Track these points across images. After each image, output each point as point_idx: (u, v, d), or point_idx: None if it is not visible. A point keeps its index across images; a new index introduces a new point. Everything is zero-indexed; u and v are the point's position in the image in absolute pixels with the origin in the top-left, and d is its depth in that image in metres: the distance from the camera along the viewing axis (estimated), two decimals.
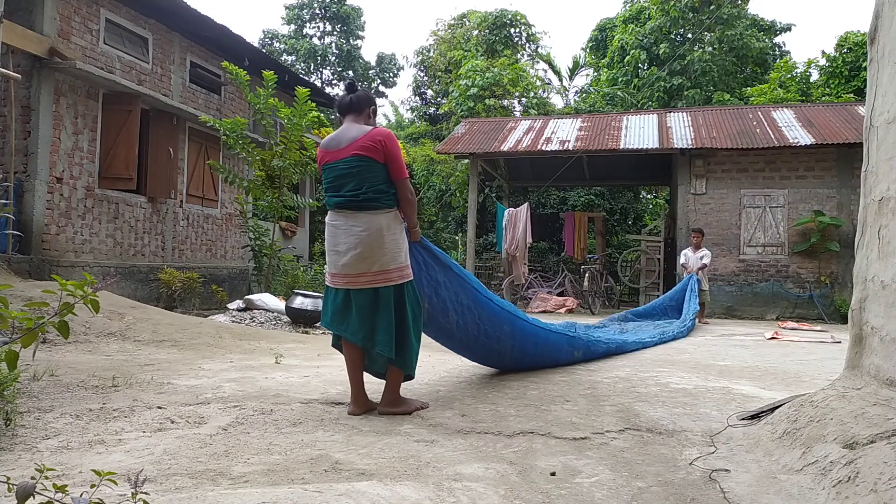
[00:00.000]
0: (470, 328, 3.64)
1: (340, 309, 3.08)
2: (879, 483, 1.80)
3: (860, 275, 2.50)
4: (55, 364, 3.94)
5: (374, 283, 2.99)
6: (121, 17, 9.67)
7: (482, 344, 3.85)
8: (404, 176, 3.07)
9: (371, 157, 2.99)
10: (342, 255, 3.02)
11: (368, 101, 3.20)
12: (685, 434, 2.78)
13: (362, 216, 2.99)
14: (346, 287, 3.04)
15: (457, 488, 2.02)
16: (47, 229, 8.46)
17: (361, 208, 3.00)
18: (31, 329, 1.64)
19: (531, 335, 4.23)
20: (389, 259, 3.00)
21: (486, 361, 4.24)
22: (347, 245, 3.01)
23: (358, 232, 2.99)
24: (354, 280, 3.01)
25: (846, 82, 18.56)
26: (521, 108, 20.74)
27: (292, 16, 27.48)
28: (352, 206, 3.01)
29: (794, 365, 5.16)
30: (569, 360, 4.73)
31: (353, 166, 3.01)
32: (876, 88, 2.50)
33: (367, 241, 2.97)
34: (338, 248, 3.05)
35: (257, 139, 10.91)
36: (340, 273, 3.05)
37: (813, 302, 11.42)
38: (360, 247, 2.98)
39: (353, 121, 3.15)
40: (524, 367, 4.35)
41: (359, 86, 3.30)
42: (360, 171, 3.00)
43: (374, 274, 2.99)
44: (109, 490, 1.60)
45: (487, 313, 3.72)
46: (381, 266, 2.99)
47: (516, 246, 12.45)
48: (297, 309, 7.76)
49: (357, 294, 3.02)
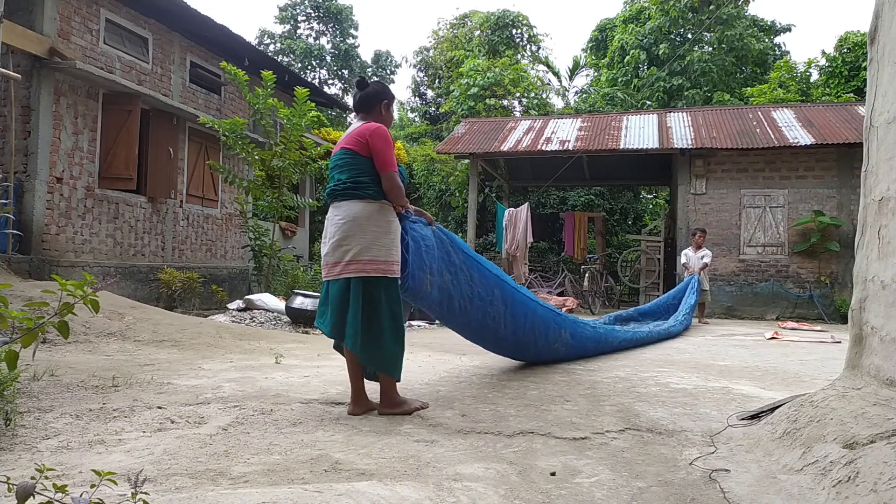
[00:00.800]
0: (464, 289, 3.57)
1: (322, 301, 3.13)
2: (879, 483, 1.80)
3: (860, 275, 2.50)
4: (55, 364, 3.95)
5: (345, 273, 2.96)
6: (121, 17, 9.67)
7: (477, 307, 3.72)
8: (388, 169, 3.02)
9: (356, 150, 3.04)
10: (325, 244, 3.08)
11: (378, 97, 3.21)
12: (685, 434, 2.78)
13: (343, 205, 3.03)
14: (327, 279, 3.07)
15: (457, 488, 2.02)
16: (47, 229, 8.46)
17: (343, 197, 3.04)
18: (31, 329, 1.64)
19: (521, 304, 4.15)
20: (363, 250, 2.94)
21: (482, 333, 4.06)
22: (330, 234, 3.05)
23: (338, 220, 3.02)
24: (331, 270, 3.03)
25: (846, 82, 18.57)
26: (521, 108, 20.75)
27: (285, 16, 27.50)
28: (335, 194, 3.07)
29: (794, 365, 5.16)
30: (557, 337, 4.62)
31: (340, 158, 3.09)
32: (876, 88, 2.50)
33: (344, 228, 2.98)
34: (324, 239, 3.11)
35: (257, 139, 10.92)
36: (323, 264, 3.10)
37: (813, 302, 11.42)
38: (337, 234, 3.00)
39: (361, 119, 3.20)
40: (518, 343, 4.27)
41: (369, 80, 3.26)
42: (346, 164, 3.07)
43: (346, 263, 2.96)
44: (109, 490, 1.60)
45: (478, 274, 3.72)
46: (354, 255, 2.95)
47: (516, 246, 12.45)
48: (297, 309, 7.77)
49: (332, 284, 3.04)
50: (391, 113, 3.29)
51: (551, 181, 15.02)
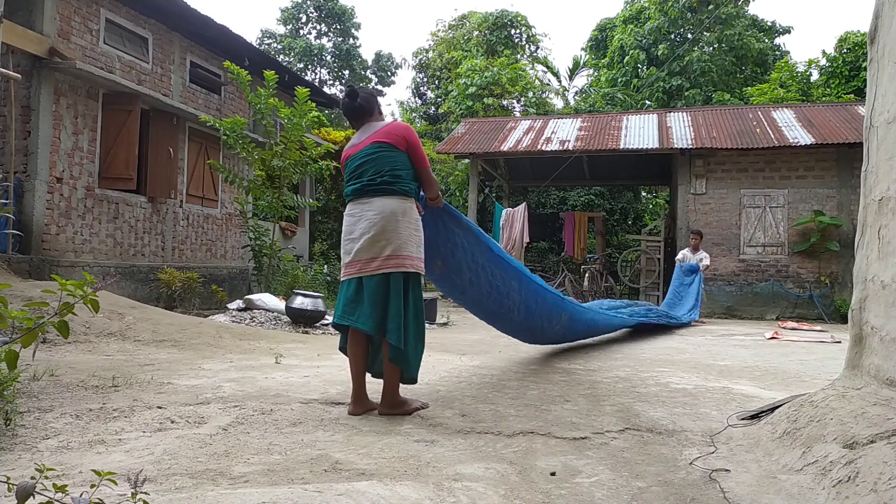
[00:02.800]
0: (483, 285, 3.86)
1: (352, 299, 3.05)
2: (879, 483, 1.80)
3: (860, 275, 2.50)
4: (55, 364, 3.95)
5: (385, 267, 2.99)
6: (121, 17, 9.66)
7: (493, 300, 4.04)
8: (426, 165, 3.17)
9: (392, 143, 3.06)
10: (356, 241, 3.04)
11: (374, 99, 3.27)
12: (685, 434, 2.78)
13: (377, 200, 3.03)
14: (359, 275, 3.04)
15: (457, 488, 2.02)
16: (47, 229, 8.45)
17: (377, 192, 3.03)
18: (31, 329, 1.64)
19: (534, 292, 4.37)
20: (402, 244, 3.00)
21: (493, 318, 4.41)
22: (361, 230, 3.03)
23: (371, 216, 3.01)
24: (366, 266, 3.01)
25: (846, 82, 18.57)
26: (520, 107, 20.75)
27: (288, 16, 27.48)
28: (367, 190, 3.05)
29: (794, 365, 5.16)
30: (559, 321, 4.85)
31: (372, 152, 3.07)
32: (876, 88, 2.50)
33: (381, 224, 2.99)
34: (352, 235, 3.07)
35: (257, 139, 10.91)
36: (353, 261, 3.05)
37: (813, 302, 11.42)
38: (373, 229, 2.99)
39: (369, 122, 3.22)
40: (525, 326, 4.51)
41: (358, 87, 3.28)
42: (380, 157, 3.05)
43: (385, 258, 2.99)
44: (109, 490, 1.60)
45: (500, 271, 3.95)
46: (393, 250, 2.99)
47: (512, 245, 12.46)
48: (297, 309, 7.76)
49: (369, 280, 3.01)
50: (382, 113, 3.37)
51: (551, 181, 15.01)
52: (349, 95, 3.20)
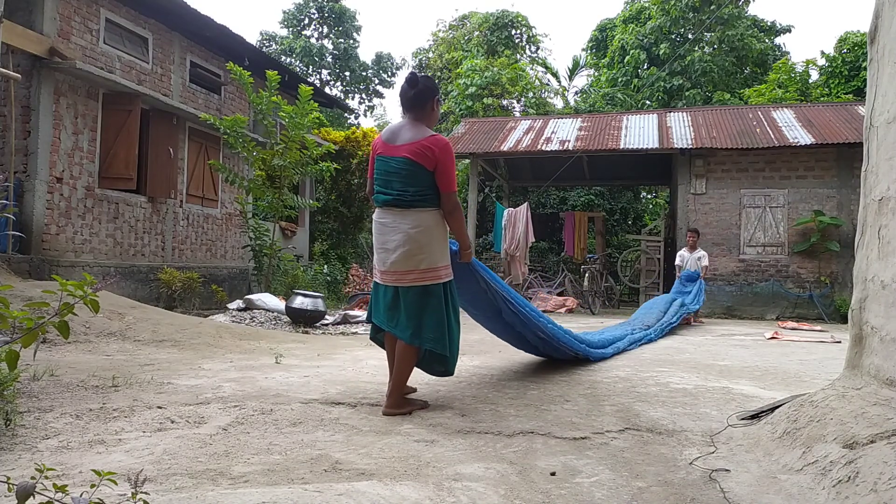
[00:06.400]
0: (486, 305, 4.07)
1: (391, 306, 3.15)
2: (879, 483, 1.80)
3: (860, 275, 2.50)
4: (55, 364, 3.94)
5: (423, 280, 3.06)
6: (121, 17, 9.66)
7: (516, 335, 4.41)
8: (452, 189, 3.08)
9: (420, 163, 3.01)
10: (391, 252, 3.08)
11: (431, 93, 3.17)
12: (685, 434, 2.78)
13: (411, 213, 3.06)
14: (396, 285, 3.11)
15: (457, 488, 2.02)
16: (47, 229, 8.45)
17: (410, 206, 3.06)
18: (32, 329, 1.64)
19: (553, 338, 4.43)
20: (439, 256, 3.09)
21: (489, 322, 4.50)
22: (396, 242, 3.06)
23: (406, 229, 3.04)
24: (403, 277, 3.08)
25: (846, 82, 18.57)
26: (520, 108, 20.75)
27: (289, 18, 27.46)
28: (400, 204, 3.07)
29: (794, 365, 5.16)
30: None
31: (402, 168, 3.04)
32: (876, 88, 2.50)
33: (417, 238, 3.04)
34: (387, 245, 3.11)
35: (257, 139, 10.91)
36: (389, 270, 3.12)
37: (813, 302, 11.42)
38: (408, 244, 3.04)
39: (413, 118, 3.14)
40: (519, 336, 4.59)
41: (420, 75, 3.18)
42: (409, 175, 3.03)
43: (423, 272, 3.06)
44: (109, 490, 1.60)
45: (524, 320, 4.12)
46: (430, 263, 3.06)
47: (516, 245, 12.44)
48: (297, 309, 7.76)
49: (406, 292, 3.09)
50: (439, 110, 3.26)
51: (551, 181, 15.01)
52: (409, 82, 3.13)
